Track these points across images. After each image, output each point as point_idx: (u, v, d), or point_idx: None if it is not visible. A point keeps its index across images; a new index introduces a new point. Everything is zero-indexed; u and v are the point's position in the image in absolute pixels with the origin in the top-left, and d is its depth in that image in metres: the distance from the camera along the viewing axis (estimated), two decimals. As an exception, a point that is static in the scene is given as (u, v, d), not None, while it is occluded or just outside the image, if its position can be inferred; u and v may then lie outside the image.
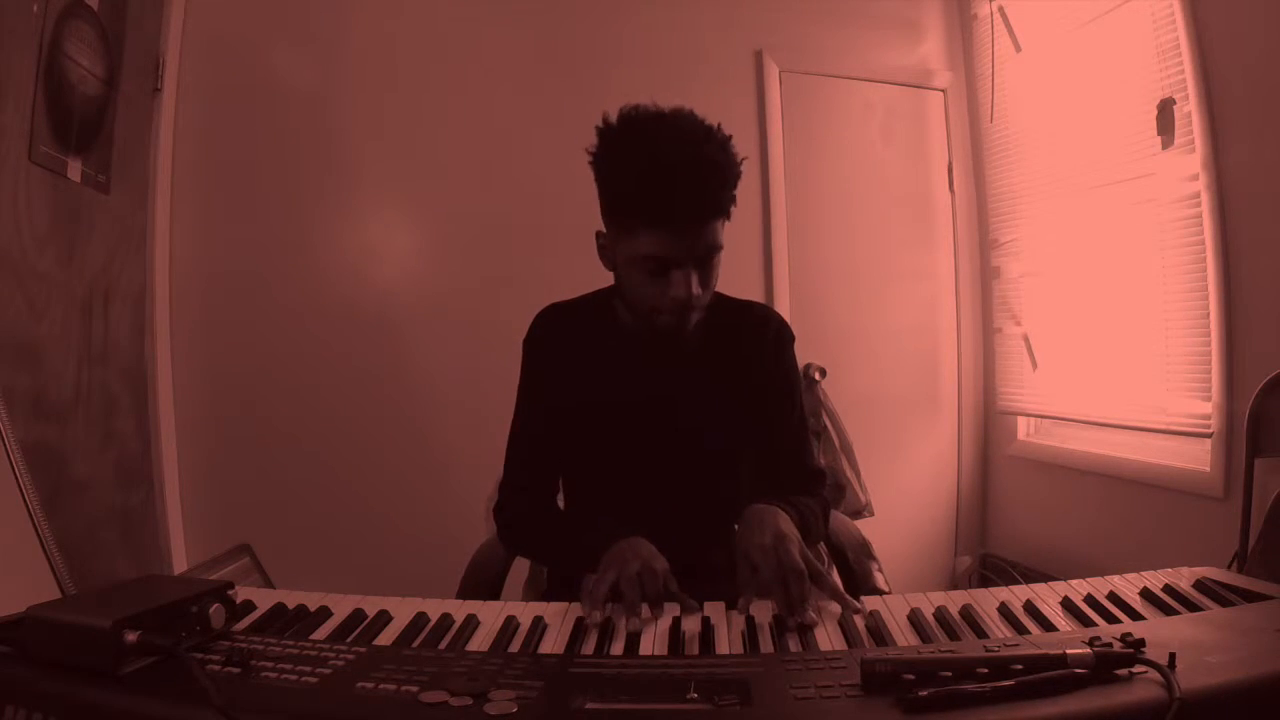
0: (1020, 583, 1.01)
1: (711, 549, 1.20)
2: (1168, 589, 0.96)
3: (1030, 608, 0.92)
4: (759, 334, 1.29)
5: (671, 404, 1.24)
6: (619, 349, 1.26)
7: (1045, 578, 1.01)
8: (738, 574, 1.01)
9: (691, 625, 0.91)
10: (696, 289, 1.10)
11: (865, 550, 1.37)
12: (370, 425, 2.46)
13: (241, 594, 0.88)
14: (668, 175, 1.04)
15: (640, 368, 1.25)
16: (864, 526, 1.49)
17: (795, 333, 1.33)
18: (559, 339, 1.29)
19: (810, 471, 1.32)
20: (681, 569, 1.05)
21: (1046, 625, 0.87)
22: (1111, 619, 0.88)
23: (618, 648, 0.86)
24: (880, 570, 1.32)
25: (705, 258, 1.10)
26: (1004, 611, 0.91)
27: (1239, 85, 2.04)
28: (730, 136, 1.11)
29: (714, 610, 0.95)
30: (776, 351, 1.30)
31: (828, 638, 0.86)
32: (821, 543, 1.47)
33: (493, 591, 1.31)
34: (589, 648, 0.86)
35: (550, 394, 1.28)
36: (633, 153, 1.08)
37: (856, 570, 1.32)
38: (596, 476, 1.31)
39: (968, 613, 0.91)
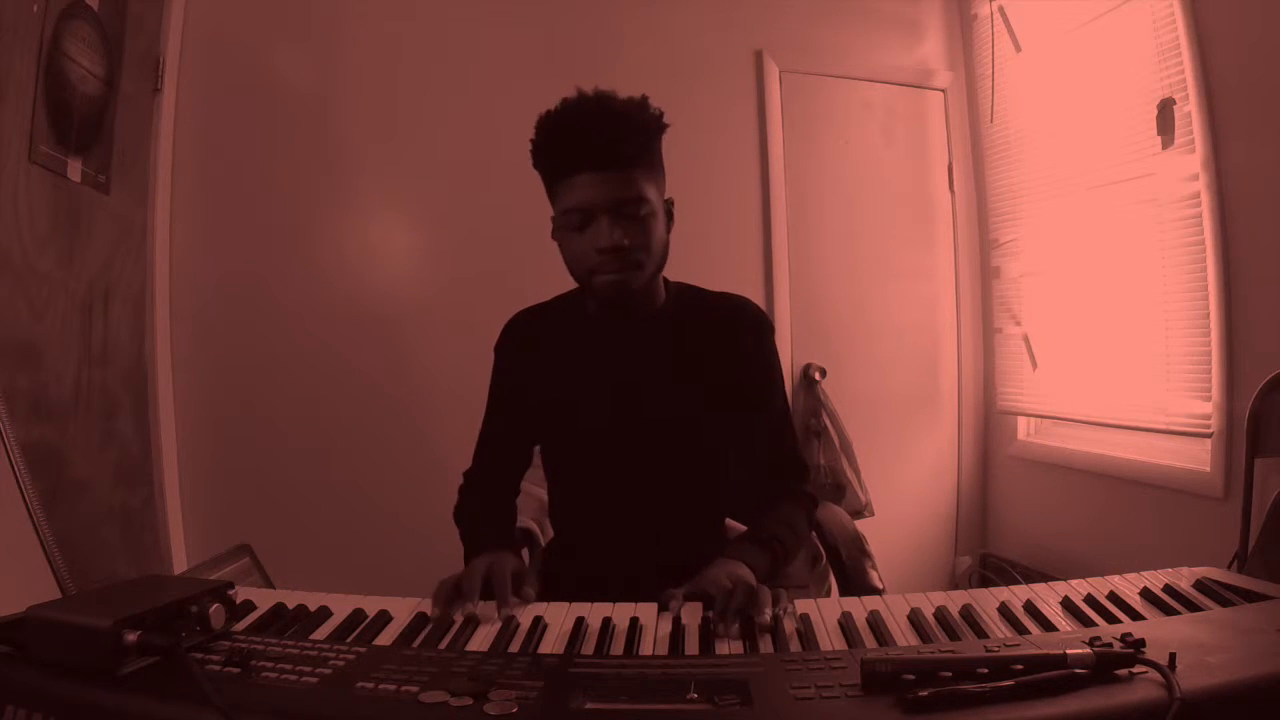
0: (1020, 583, 1.01)
1: (700, 544, 1.20)
2: (1168, 589, 0.96)
3: (1030, 608, 0.91)
4: (732, 323, 1.28)
5: (640, 394, 1.24)
6: (586, 343, 1.27)
7: (1045, 578, 1.01)
8: (690, 583, 1.01)
9: (692, 623, 0.91)
10: (621, 239, 1.11)
11: (859, 546, 1.36)
12: (370, 425, 2.46)
13: (241, 594, 0.88)
14: (569, 124, 1.13)
15: (608, 359, 1.25)
16: (864, 526, 1.49)
17: (795, 333, 1.33)
18: (526, 340, 1.32)
19: (794, 462, 1.31)
20: (663, 567, 1.05)
21: (1046, 625, 0.87)
22: (1111, 619, 0.87)
23: (618, 648, 0.86)
24: (874, 567, 1.31)
25: (621, 207, 1.12)
26: (1004, 611, 0.91)
27: (1239, 85, 2.04)
28: (650, 106, 1.15)
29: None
30: (753, 340, 1.28)
31: (828, 637, 0.86)
32: (813, 536, 1.47)
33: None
34: (589, 648, 0.86)
35: (516, 394, 1.31)
36: (547, 117, 1.16)
37: (849, 566, 1.31)
38: (574, 469, 1.32)
39: (968, 613, 0.90)
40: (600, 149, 1.11)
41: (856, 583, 1.27)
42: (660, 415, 1.24)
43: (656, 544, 1.08)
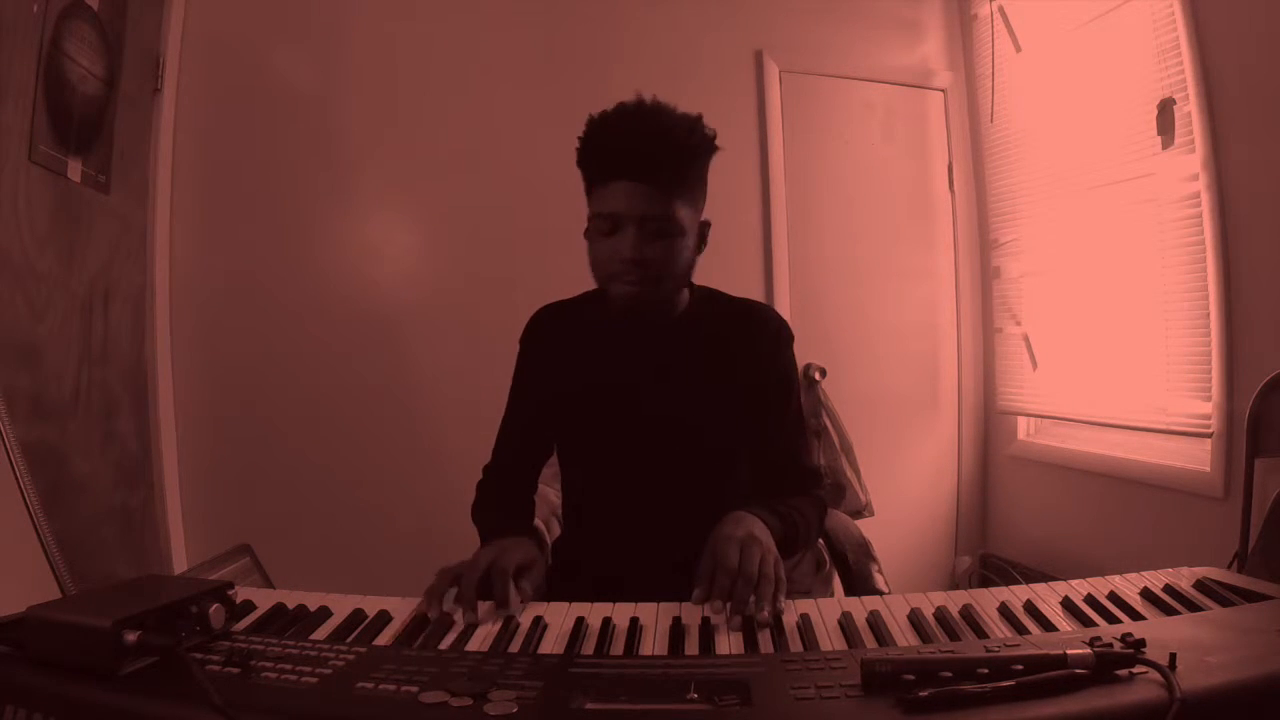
0: (1020, 583, 1.01)
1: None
2: (1168, 589, 0.96)
3: (1030, 608, 0.91)
4: (754, 331, 1.29)
5: (655, 396, 1.24)
6: (606, 341, 1.27)
7: (1045, 578, 1.01)
8: (700, 564, 1.01)
9: (692, 622, 0.91)
10: (644, 253, 1.13)
11: (865, 551, 1.37)
12: (370, 425, 2.46)
13: (241, 594, 0.88)
14: (615, 129, 1.13)
15: (626, 360, 1.26)
16: (864, 526, 1.50)
17: (796, 333, 1.32)
18: (550, 334, 1.33)
19: (806, 470, 1.31)
20: (673, 567, 1.04)
21: (1047, 625, 0.87)
22: (1112, 619, 0.87)
23: (618, 648, 0.86)
24: (880, 571, 1.32)
25: (650, 222, 1.12)
26: (1004, 611, 0.91)
27: (1239, 85, 2.04)
28: (702, 127, 1.15)
29: (713, 610, 0.95)
30: (772, 349, 1.29)
31: (828, 638, 0.86)
32: (819, 541, 1.47)
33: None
34: (589, 648, 0.86)
35: (536, 387, 1.32)
36: (597, 119, 1.15)
37: (855, 570, 1.32)
38: (588, 468, 1.33)
39: (968, 613, 0.90)
40: (639, 161, 1.11)
41: (862, 588, 1.27)
42: (673, 417, 1.24)
43: (665, 545, 1.09)
